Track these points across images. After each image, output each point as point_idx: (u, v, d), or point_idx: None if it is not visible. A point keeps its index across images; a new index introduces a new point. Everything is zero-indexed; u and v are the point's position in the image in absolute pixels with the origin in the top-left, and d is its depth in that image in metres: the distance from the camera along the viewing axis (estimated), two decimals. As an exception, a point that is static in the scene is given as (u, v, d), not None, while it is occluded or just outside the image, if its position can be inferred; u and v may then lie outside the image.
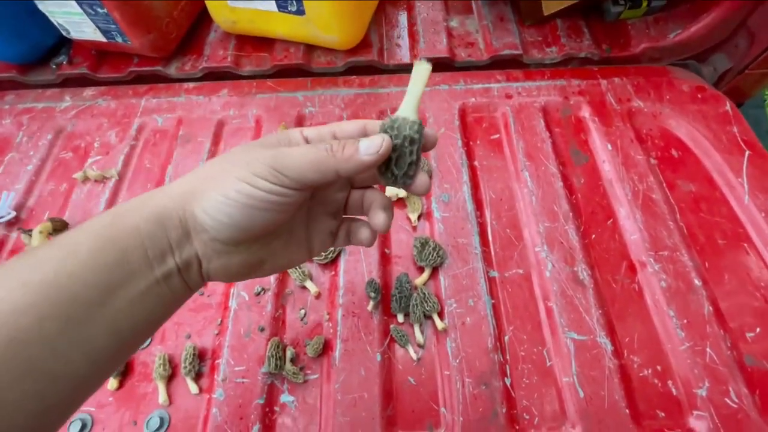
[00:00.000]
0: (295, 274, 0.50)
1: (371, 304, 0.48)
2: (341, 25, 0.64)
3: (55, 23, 0.64)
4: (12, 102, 0.68)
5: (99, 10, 0.60)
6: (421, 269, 0.51)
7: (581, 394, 0.43)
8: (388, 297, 0.49)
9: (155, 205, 0.25)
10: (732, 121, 0.60)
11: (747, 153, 0.57)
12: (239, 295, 0.50)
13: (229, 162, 0.25)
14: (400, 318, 0.48)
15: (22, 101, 0.68)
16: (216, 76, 0.70)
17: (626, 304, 0.48)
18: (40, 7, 0.62)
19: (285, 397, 0.44)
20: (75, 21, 0.63)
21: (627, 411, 0.42)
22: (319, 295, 0.50)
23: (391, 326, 0.47)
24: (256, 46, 0.72)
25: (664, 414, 0.43)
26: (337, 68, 0.70)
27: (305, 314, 0.49)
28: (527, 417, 0.43)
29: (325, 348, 0.47)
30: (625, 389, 0.43)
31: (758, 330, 0.46)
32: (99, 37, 0.65)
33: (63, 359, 0.21)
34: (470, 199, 0.55)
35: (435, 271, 0.51)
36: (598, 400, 0.43)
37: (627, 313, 0.48)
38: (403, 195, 0.54)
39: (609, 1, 0.69)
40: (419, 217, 0.54)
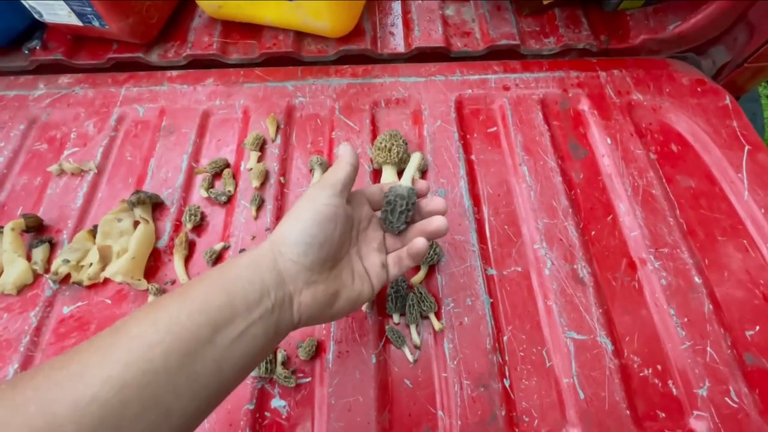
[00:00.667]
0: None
1: (366, 304, 0.46)
2: (333, 11, 0.61)
3: (26, 5, 0.60)
4: (-19, 89, 0.64)
5: (73, -9, 0.56)
6: (418, 267, 0.49)
7: (581, 396, 0.42)
8: (383, 296, 0.47)
9: (253, 253, 0.31)
10: (732, 115, 0.59)
11: (747, 148, 0.56)
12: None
13: (302, 201, 0.33)
14: (396, 318, 0.46)
15: (-9, 89, 0.64)
16: (201, 64, 0.67)
17: (626, 303, 0.47)
18: (9, -14, 0.58)
19: (276, 402, 0.42)
20: (47, 3, 0.59)
21: (628, 412, 0.41)
22: (311, 295, 0.48)
23: (387, 327, 0.45)
24: (243, 32, 0.68)
25: (664, 414, 0.42)
26: (329, 57, 0.67)
27: (297, 315, 0.47)
28: (527, 419, 0.42)
29: (318, 350, 0.45)
30: (626, 390, 0.43)
31: (757, 328, 0.46)
32: (74, 21, 0.61)
33: (178, 394, 0.24)
34: (467, 194, 0.53)
35: (432, 270, 0.49)
36: (598, 402, 0.42)
37: (627, 311, 0.47)
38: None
39: (608, -9, 0.68)
40: (415, 213, 0.52)
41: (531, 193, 0.54)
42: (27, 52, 0.67)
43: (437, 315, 0.46)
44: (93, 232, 0.50)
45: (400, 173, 0.54)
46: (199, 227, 0.52)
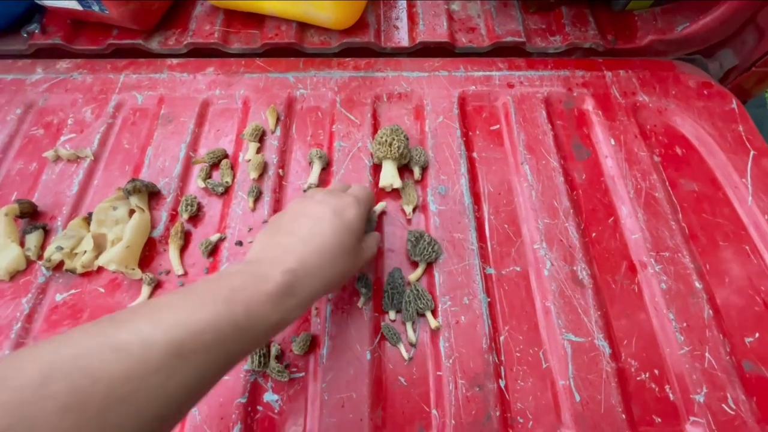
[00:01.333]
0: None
1: (362, 299, 0.46)
2: (337, 3, 0.60)
3: (25, -13, 0.59)
4: (-22, 72, 0.63)
5: (73, -26, 0.55)
6: (415, 264, 0.48)
7: (577, 398, 0.42)
8: (379, 293, 0.47)
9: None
10: (738, 119, 0.59)
11: (752, 153, 0.56)
12: (222, 288, 0.47)
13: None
14: (392, 315, 0.46)
15: (-11, 72, 0.63)
16: (201, 52, 0.66)
17: (625, 306, 0.47)
18: (8, -32, 0.57)
19: (269, 396, 0.42)
20: (47, -15, 0.58)
21: (623, 416, 0.41)
22: (306, 289, 0.47)
23: (382, 323, 0.45)
24: (245, 22, 0.67)
25: (660, 419, 0.41)
26: (332, 49, 0.66)
27: (292, 309, 0.46)
28: (521, 421, 0.41)
29: (312, 345, 0.44)
30: (622, 393, 0.42)
31: (757, 335, 0.45)
32: (74, 5, 0.60)
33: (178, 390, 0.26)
34: (468, 192, 0.53)
35: (429, 267, 0.48)
36: (594, 405, 0.41)
37: (626, 314, 0.46)
38: (398, 186, 0.52)
39: (617, -10, 0.67)
40: (414, 210, 0.52)
41: (532, 193, 0.53)
42: (26, 35, 0.66)
43: (434, 313, 0.46)
44: (87, 219, 0.49)
45: (400, 168, 0.53)
46: (196, 217, 0.51)
